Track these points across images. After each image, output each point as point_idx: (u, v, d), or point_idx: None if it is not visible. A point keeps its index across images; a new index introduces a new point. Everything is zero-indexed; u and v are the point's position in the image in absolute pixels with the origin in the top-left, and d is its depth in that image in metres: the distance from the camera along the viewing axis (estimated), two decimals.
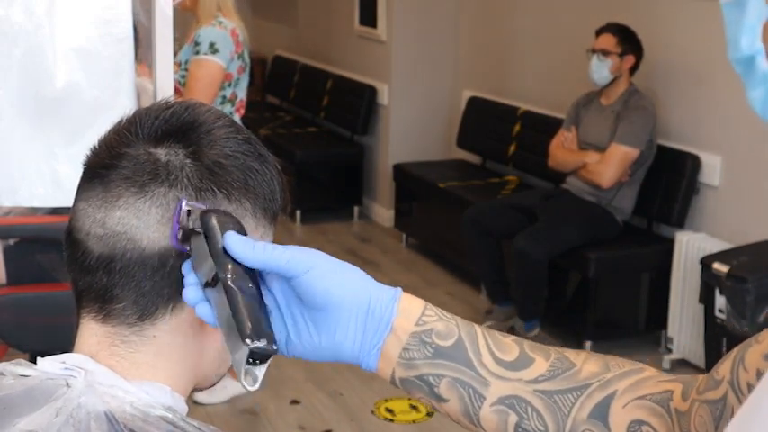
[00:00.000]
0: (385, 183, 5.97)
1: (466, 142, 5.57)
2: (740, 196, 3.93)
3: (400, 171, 5.67)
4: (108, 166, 0.84)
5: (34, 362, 0.85)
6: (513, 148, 5.14)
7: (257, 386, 0.78)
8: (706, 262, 3.59)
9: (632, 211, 4.20)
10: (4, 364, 0.85)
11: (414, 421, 3.61)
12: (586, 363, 0.85)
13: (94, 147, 0.87)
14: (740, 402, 0.74)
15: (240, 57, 3.48)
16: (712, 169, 4.02)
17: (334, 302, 0.81)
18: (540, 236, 4.09)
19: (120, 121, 0.87)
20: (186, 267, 0.82)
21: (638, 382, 0.84)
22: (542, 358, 0.85)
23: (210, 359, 0.89)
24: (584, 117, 4.28)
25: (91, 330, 0.86)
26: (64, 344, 0.92)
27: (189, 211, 0.81)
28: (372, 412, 3.65)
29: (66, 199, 2.06)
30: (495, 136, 5.28)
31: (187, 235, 0.81)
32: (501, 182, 5.21)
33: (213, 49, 3.37)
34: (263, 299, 0.82)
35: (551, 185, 4.69)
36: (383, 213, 6.03)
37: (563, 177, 4.39)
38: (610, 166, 4.04)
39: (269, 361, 0.79)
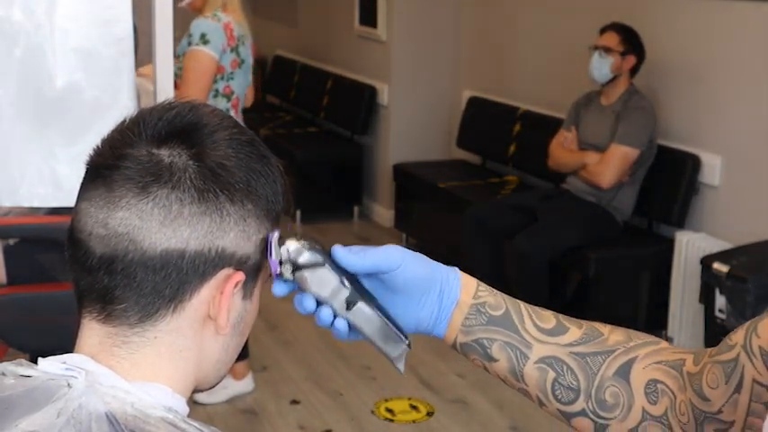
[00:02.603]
0: (385, 183, 5.97)
1: (466, 142, 5.57)
2: (740, 196, 3.93)
3: (400, 171, 5.67)
4: (111, 166, 0.84)
5: (34, 362, 0.85)
6: (513, 148, 5.14)
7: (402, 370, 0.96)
8: (706, 262, 3.59)
9: (632, 211, 4.20)
10: (5, 364, 0.85)
11: (414, 421, 3.61)
12: (613, 333, 1.01)
13: (97, 146, 0.87)
14: (751, 362, 0.87)
15: (234, 51, 3.46)
16: (712, 169, 4.02)
17: (419, 287, 0.98)
18: (541, 236, 4.09)
19: (124, 121, 0.87)
20: (281, 291, 0.94)
21: (655, 351, 0.99)
22: (576, 327, 1.01)
23: (211, 360, 0.89)
24: (585, 117, 4.28)
25: (92, 331, 0.86)
26: (64, 344, 0.92)
27: (280, 238, 0.90)
28: (372, 412, 3.65)
29: (66, 199, 2.06)
30: (495, 136, 5.28)
31: (296, 267, 0.90)
32: (501, 182, 5.21)
33: (204, 39, 3.37)
34: (372, 294, 0.96)
35: (551, 185, 4.69)
36: (383, 213, 6.03)
37: (563, 177, 4.39)
38: (610, 166, 4.04)
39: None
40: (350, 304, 0.92)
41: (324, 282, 0.91)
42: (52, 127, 2.03)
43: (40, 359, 0.85)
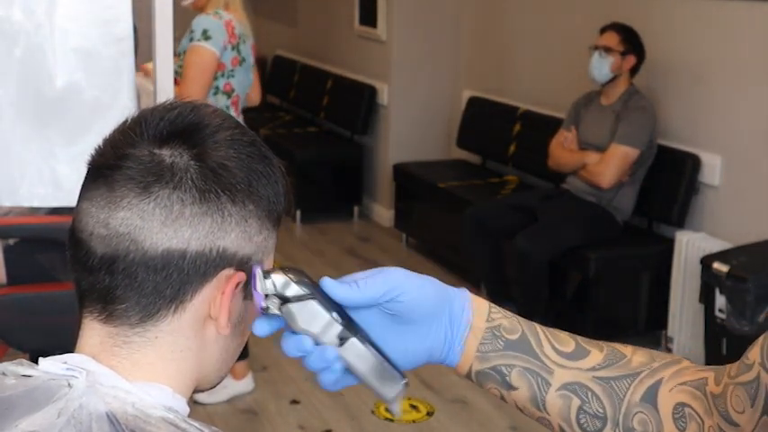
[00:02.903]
0: (385, 183, 5.97)
1: (466, 142, 5.57)
2: (740, 196, 3.93)
3: (400, 171, 5.67)
4: (112, 166, 0.84)
5: (35, 362, 0.85)
6: (513, 148, 5.14)
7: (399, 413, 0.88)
8: (706, 262, 3.59)
9: (632, 211, 4.20)
10: (5, 364, 0.85)
11: (414, 421, 3.61)
12: (635, 354, 0.95)
13: (99, 146, 0.87)
14: None
15: (235, 48, 3.47)
16: (712, 169, 4.02)
17: (424, 315, 0.90)
18: (541, 236, 4.09)
19: (126, 121, 0.87)
20: (262, 331, 0.88)
21: (679, 371, 0.93)
22: (597, 350, 0.94)
23: (212, 360, 0.89)
24: (585, 117, 4.28)
25: (93, 331, 0.86)
26: (64, 344, 0.92)
27: (265, 274, 0.85)
28: (372, 412, 3.65)
29: (66, 199, 2.06)
30: (495, 136, 5.28)
31: (285, 300, 0.85)
32: (501, 182, 5.21)
33: (206, 36, 3.38)
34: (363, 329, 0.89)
35: (551, 185, 4.69)
36: (383, 213, 6.03)
37: (563, 177, 4.39)
38: (610, 166, 4.04)
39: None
40: (342, 340, 0.84)
41: (313, 316, 0.84)
42: (52, 127, 2.03)
43: (40, 359, 0.84)
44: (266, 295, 0.84)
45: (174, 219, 0.82)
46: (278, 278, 0.85)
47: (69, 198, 2.03)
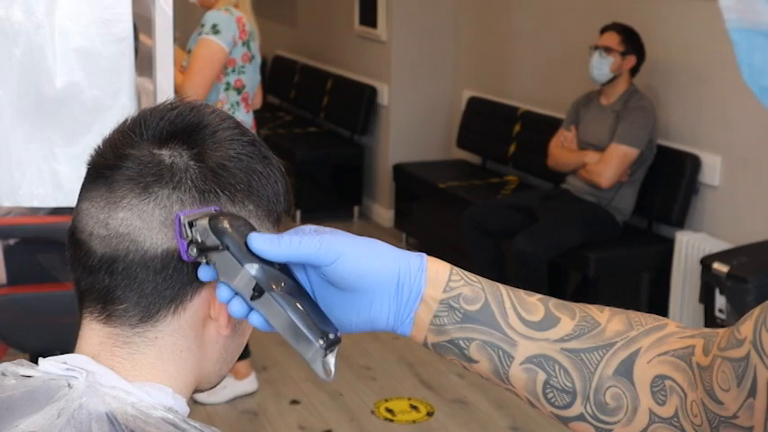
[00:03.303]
0: (385, 183, 5.97)
1: (466, 142, 5.57)
2: (740, 196, 3.93)
3: (400, 171, 5.67)
4: (112, 166, 0.84)
5: (34, 362, 0.85)
6: (513, 148, 5.14)
7: (333, 374, 0.80)
8: (706, 262, 3.59)
9: (632, 211, 4.20)
10: (5, 364, 0.85)
11: (414, 421, 3.60)
12: (610, 322, 0.88)
13: (99, 147, 0.87)
14: (763, 362, 0.76)
15: (245, 45, 3.47)
16: (712, 169, 4.02)
17: (366, 284, 0.83)
18: (540, 236, 4.09)
19: (125, 122, 0.87)
20: (207, 276, 0.83)
21: (660, 339, 0.87)
22: (568, 317, 0.87)
23: (212, 360, 0.89)
24: (584, 116, 4.28)
25: (93, 331, 0.86)
26: (64, 344, 0.92)
27: (191, 222, 0.81)
28: (372, 412, 3.65)
29: (66, 199, 2.06)
30: (495, 136, 5.28)
31: (202, 249, 0.81)
32: (501, 182, 5.21)
33: (215, 30, 3.38)
34: (303, 288, 0.84)
35: (551, 185, 4.69)
36: (383, 213, 6.03)
37: (563, 177, 4.39)
38: (609, 165, 4.04)
39: (338, 348, 0.82)
40: (255, 294, 0.80)
41: (229, 267, 0.81)
42: (52, 127, 2.03)
43: (40, 359, 0.84)
44: (189, 243, 0.81)
45: (173, 225, 0.82)
46: (201, 224, 0.81)
47: (69, 198, 2.03)
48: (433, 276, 0.86)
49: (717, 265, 3.51)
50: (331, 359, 0.81)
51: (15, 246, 2.86)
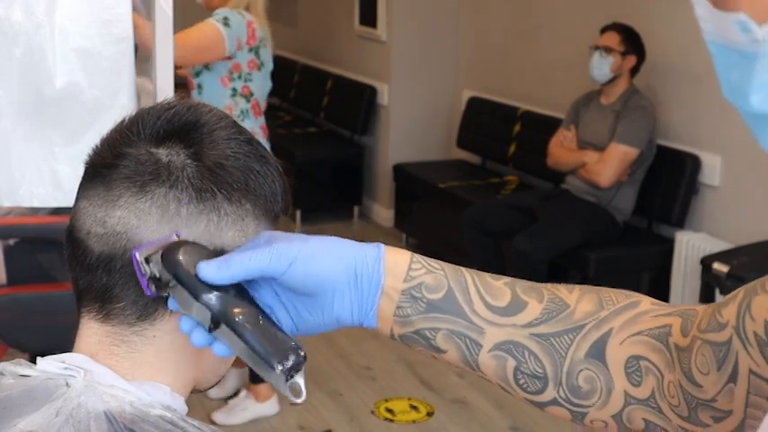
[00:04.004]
0: (385, 183, 5.97)
1: (466, 142, 5.57)
2: (740, 196, 3.93)
3: (400, 171, 5.67)
4: (109, 165, 0.84)
5: (34, 362, 0.85)
6: (513, 148, 5.14)
7: (303, 395, 0.79)
8: (706, 262, 3.58)
9: (632, 211, 4.20)
10: (4, 363, 0.85)
11: (414, 421, 3.61)
12: (580, 302, 0.85)
13: (96, 146, 0.87)
14: (746, 349, 0.75)
15: (253, 51, 3.41)
16: (712, 169, 4.02)
17: (323, 285, 0.82)
18: (540, 236, 4.09)
19: (123, 121, 0.87)
20: (174, 308, 0.82)
21: (633, 318, 0.85)
22: (536, 301, 0.85)
23: (210, 359, 0.89)
24: (584, 116, 4.28)
25: (91, 330, 0.86)
26: (63, 344, 0.92)
27: (146, 258, 0.81)
28: (372, 412, 3.65)
29: (66, 199, 2.06)
30: (495, 136, 5.28)
31: (160, 285, 0.80)
32: (501, 182, 5.21)
33: (225, 22, 3.30)
34: (262, 309, 0.82)
35: (551, 185, 4.69)
36: (383, 213, 6.03)
37: (563, 177, 4.39)
38: (609, 165, 4.04)
39: (304, 367, 0.80)
40: (212, 326, 0.79)
41: (186, 300, 0.80)
42: (52, 127, 2.03)
43: (38, 358, 0.85)
44: (149, 280, 0.80)
45: (171, 218, 0.82)
46: (155, 260, 0.80)
47: (69, 198, 2.03)
48: (392, 267, 0.84)
49: (717, 265, 3.51)
50: (299, 380, 0.79)
51: (15, 246, 2.86)
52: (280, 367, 0.78)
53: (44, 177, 2.05)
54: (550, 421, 3.54)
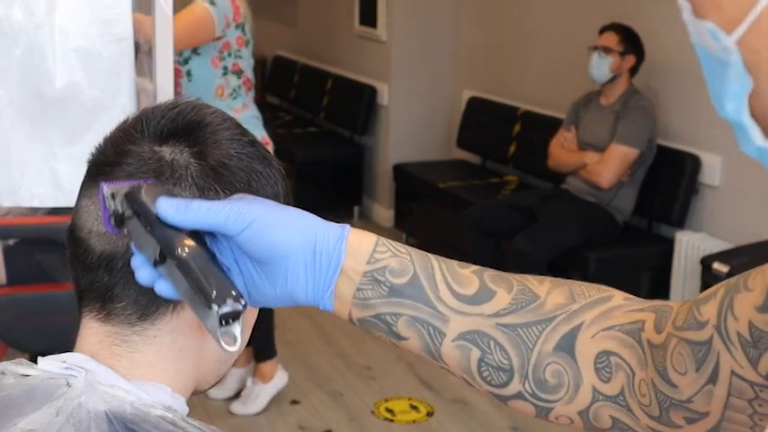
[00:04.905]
0: (385, 183, 5.97)
1: (466, 142, 5.57)
2: (740, 196, 3.93)
3: (400, 171, 5.67)
4: (112, 163, 0.84)
5: (34, 362, 0.85)
6: (513, 148, 5.14)
7: (238, 345, 0.76)
8: (706, 262, 3.59)
9: (632, 211, 4.20)
10: (4, 363, 0.85)
11: (414, 421, 3.61)
12: (551, 294, 0.82)
13: (100, 144, 0.87)
14: (728, 350, 0.72)
15: (240, 28, 3.39)
16: (712, 169, 4.02)
17: (279, 254, 0.78)
18: (540, 236, 4.09)
19: (127, 120, 0.88)
20: (133, 248, 0.80)
21: (605, 313, 0.82)
22: (504, 290, 0.82)
23: (211, 359, 0.89)
24: (584, 117, 4.28)
25: (92, 329, 0.86)
26: (64, 343, 0.92)
27: (113, 194, 0.80)
28: (372, 412, 3.65)
29: (65, 199, 2.06)
30: (495, 136, 5.28)
31: (121, 219, 0.80)
32: (501, 182, 5.21)
33: (211, 1, 3.27)
34: (215, 257, 0.80)
35: (551, 185, 4.70)
36: (383, 213, 6.03)
37: (563, 177, 4.39)
38: (609, 166, 4.04)
39: (242, 317, 0.76)
40: (158, 260, 0.77)
41: (140, 235, 0.78)
42: (52, 127, 2.03)
43: (39, 358, 0.85)
44: (111, 215, 0.80)
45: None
46: (119, 195, 0.79)
47: (69, 198, 2.03)
48: (356, 247, 0.81)
49: (717, 265, 3.51)
50: (235, 328, 0.76)
51: (15, 246, 2.86)
52: (216, 307, 0.74)
53: (44, 177, 2.05)
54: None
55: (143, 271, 0.79)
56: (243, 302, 0.76)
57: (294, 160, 5.92)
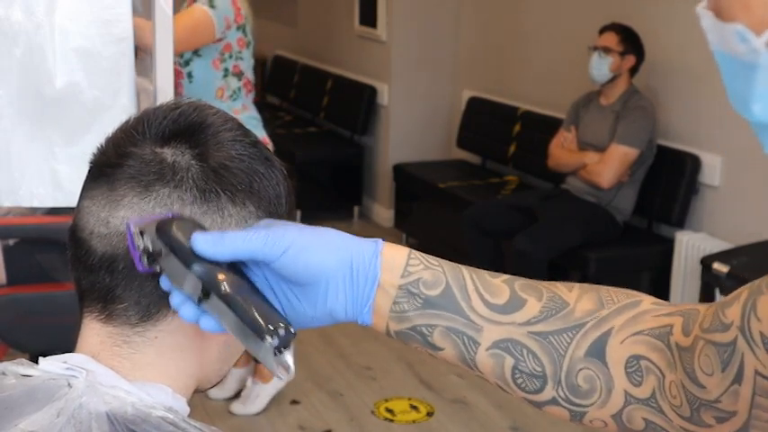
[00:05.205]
0: (385, 183, 5.97)
1: (466, 142, 5.57)
2: (740, 196, 3.93)
3: (400, 171, 5.67)
4: (114, 164, 0.84)
5: (34, 362, 0.85)
6: (513, 148, 5.14)
7: (292, 371, 0.77)
8: (706, 262, 3.58)
9: (632, 211, 4.20)
10: (5, 363, 0.85)
11: (414, 421, 3.60)
12: (580, 301, 0.84)
13: (101, 145, 0.87)
14: (752, 350, 0.74)
15: (241, 29, 3.38)
16: (712, 169, 4.02)
17: (317, 276, 0.80)
18: (540, 236, 4.09)
19: (128, 121, 0.87)
20: (165, 285, 0.81)
21: (634, 318, 0.84)
22: (534, 299, 0.84)
23: (212, 360, 0.89)
24: (584, 117, 4.28)
25: (93, 330, 0.86)
26: (64, 344, 0.92)
27: (141, 231, 0.80)
28: (372, 412, 3.65)
29: (66, 199, 2.06)
30: (495, 136, 5.28)
31: (153, 257, 0.80)
32: (501, 182, 5.21)
33: (211, 4, 3.27)
34: (254, 286, 0.81)
35: (551, 185, 4.69)
36: (383, 213, 6.03)
37: (563, 177, 4.39)
38: (609, 166, 4.04)
39: (293, 344, 0.78)
40: (203, 297, 0.78)
41: (177, 272, 0.79)
42: (52, 127, 2.03)
43: (40, 359, 0.84)
44: (141, 253, 0.79)
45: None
46: (149, 232, 0.79)
47: (69, 198, 2.03)
48: (390, 262, 0.83)
49: (717, 265, 3.51)
50: (287, 356, 0.78)
51: (15, 246, 2.86)
52: (269, 339, 0.76)
53: (44, 177, 2.05)
54: (550, 422, 3.54)
55: (186, 308, 0.80)
56: (293, 330, 0.78)
57: (294, 160, 5.92)
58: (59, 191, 2.05)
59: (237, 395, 3.70)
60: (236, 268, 0.80)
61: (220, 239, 0.78)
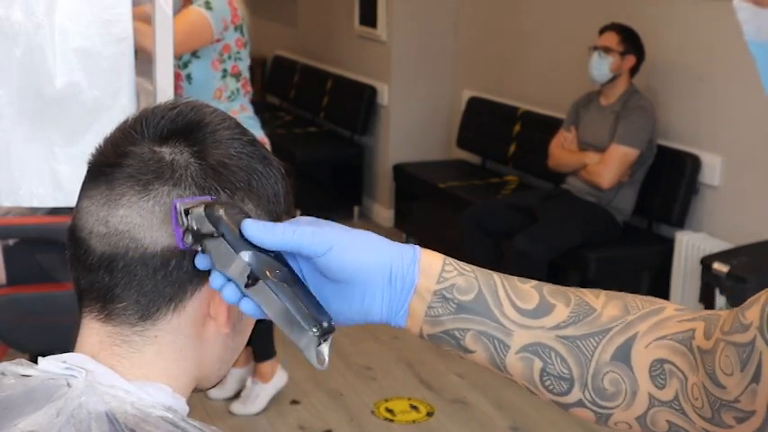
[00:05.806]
0: (385, 183, 5.97)
1: (466, 142, 5.57)
2: (740, 196, 3.93)
3: (400, 171, 5.67)
4: (113, 164, 0.84)
5: (34, 362, 0.85)
6: (513, 148, 5.14)
7: (327, 363, 0.80)
8: (706, 262, 3.58)
9: (632, 211, 4.20)
10: (5, 363, 0.85)
11: (414, 421, 3.60)
12: (606, 307, 0.88)
13: (100, 145, 0.87)
14: None
15: (239, 30, 3.37)
16: (712, 169, 4.02)
17: (356, 276, 0.84)
18: (540, 236, 4.09)
19: (126, 120, 0.88)
20: (203, 265, 0.82)
21: (658, 323, 0.87)
22: (563, 304, 0.87)
23: (212, 359, 0.89)
24: (584, 117, 4.28)
25: (92, 330, 0.86)
26: (64, 344, 0.92)
27: (187, 210, 0.81)
28: (372, 412, 3.65)
29: (65, 199, 2.06)
30: (495, 136, 5.28)
31: (197, 237, 0.81)
32: (501, 182, 5.21)
33: (208, 5, 3.26)
34: (298, 277, 0.84)
35: (551, 185, 4.69)
36: (383, 213, 6.03)
37: (563, 177, 4.39)
38: (610, 166, 4.04)
39: (331, 336, 0.81)
40: (250, 282, 0.80)
41: (223, 255, 0.81)
42: (52, 127, 2.03)
43: (39, 358, 0.84)
44: (185, 231, 0.81)
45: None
46: (196, 212, 0.81)
47: (69, 198, 2.03)
48: (426, 268, 0.86)
49: (717, 265, 3.51)
50: (325, 348, 0.81)
51: (15, 246, 2.86)
52: (314, 329, 0.80)
53: (44, 177, 2.05)
54: (550, 422, 3.55)
55: (228, 290, 0.82)
56: (334, 323, 0.82)
57: (294, 160, 5.92)
58: (59, 191, 2.06)
59: (237, 395, 3.70)
60: (280, 256, 0.83)
61: (272, 228, 0.81)
